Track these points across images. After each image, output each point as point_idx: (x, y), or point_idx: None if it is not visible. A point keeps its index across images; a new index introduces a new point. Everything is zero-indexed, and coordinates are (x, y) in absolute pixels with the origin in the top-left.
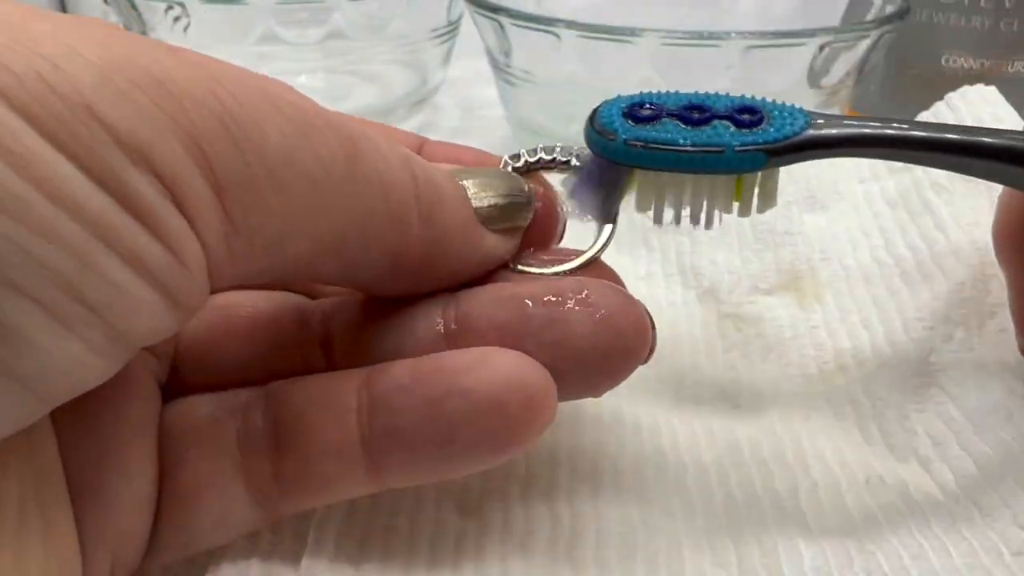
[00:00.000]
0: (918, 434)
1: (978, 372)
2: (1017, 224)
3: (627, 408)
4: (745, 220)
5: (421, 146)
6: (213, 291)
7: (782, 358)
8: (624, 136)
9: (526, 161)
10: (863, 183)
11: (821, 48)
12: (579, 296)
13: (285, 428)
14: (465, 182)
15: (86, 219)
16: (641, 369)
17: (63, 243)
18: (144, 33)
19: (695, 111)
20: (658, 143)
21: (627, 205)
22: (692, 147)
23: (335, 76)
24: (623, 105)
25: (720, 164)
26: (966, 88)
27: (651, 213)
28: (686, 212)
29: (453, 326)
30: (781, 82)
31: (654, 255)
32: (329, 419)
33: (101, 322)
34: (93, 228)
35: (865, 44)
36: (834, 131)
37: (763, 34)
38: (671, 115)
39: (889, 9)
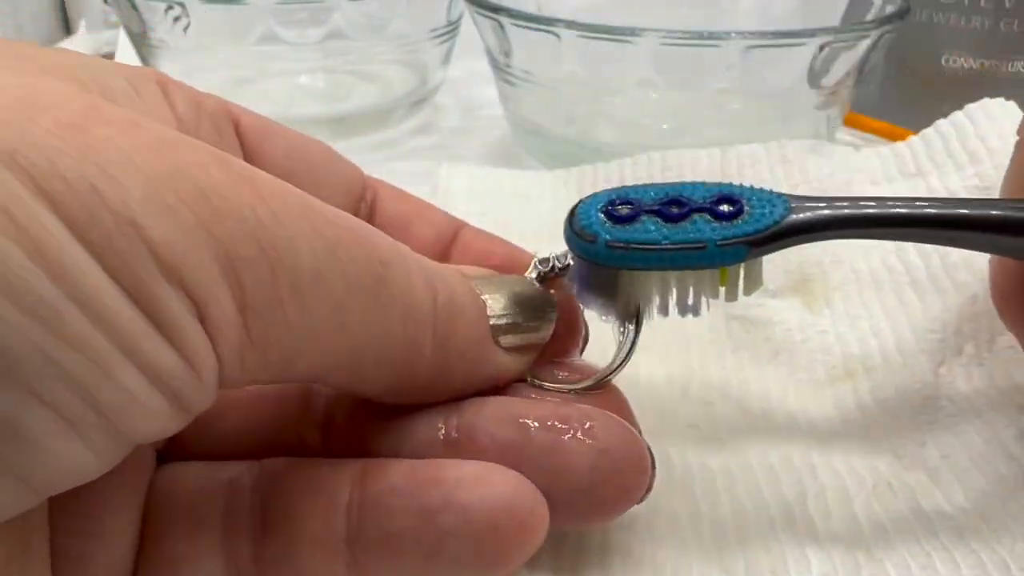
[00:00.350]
0: (927, 445)
1: (988, 387)
2: (1014, 286)
3: (633, 411)
4: None
5: (457, 232)
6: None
7: (791, 362)
8: (605, 238)
9: (554, 266)
10: (876, 185)
11: (821, 48)
12: (584, 427)
13: (272, 511)
14: (486, 297)
15: (113, 330)
16: (649, 368)
17: (88, 353)
18: (144, 33)
19: (673, 206)
20: (639, 243)
21: (647, 311)
22: (673, 245)
23: (335, 76)
24: (600, 204)
25: (703, 260)
26: (986, 101)
27: (640, 307)
28: (673, 303)
29: (454, 435)
30: (781, 82)
31: None
32: (318, 509)
33: (109, 426)
34: (118, 339)
35: (865, 44)
36: (814, 216)
37: (763, 34)
38: (649, 212)
39: (889, 9)
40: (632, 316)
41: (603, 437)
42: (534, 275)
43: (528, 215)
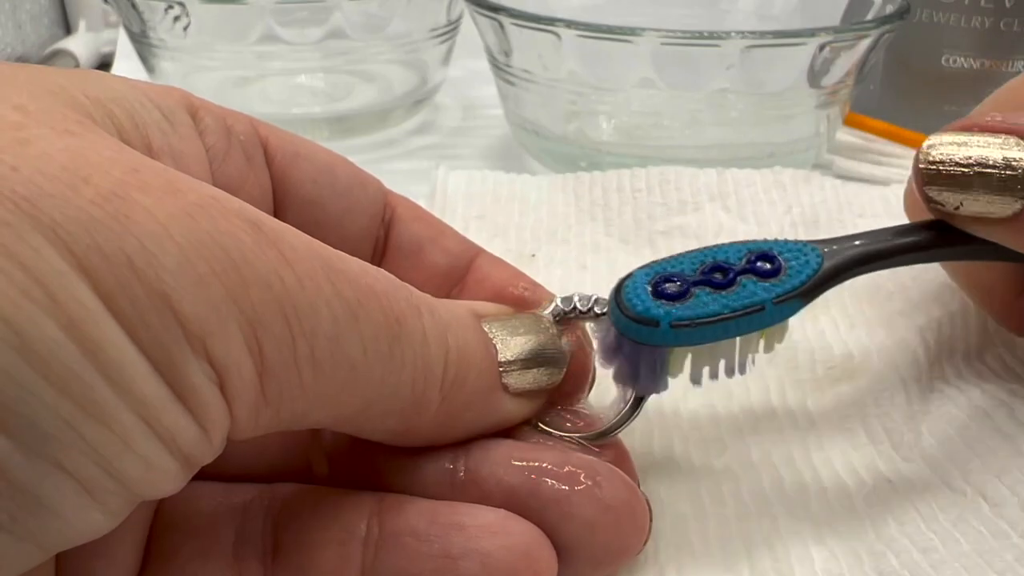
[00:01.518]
0: (923, 435)
1: (980, 379)
2: (1013, 295)
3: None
4: (752, 232)
5: (473, 260)
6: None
7: (789, 361)
8: (668, 320)
9: (575, 308)
10: (863, 218)
11: (821, 48)
12: (590, 481)
13: (285, 541)
14: (498, 341)
15: (138, 403)
16: None
17: (114, 427)
18: (144, 33)
19: (717, 272)
20: (703, 318)
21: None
22: (734, 313)
23: (335, 76)
24: (645, 285)
25: (764, 321)
26: None
27: (687, 375)
28: (722, 367)
29: (462, 475)
30: (781, 82)
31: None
32: (332, 540)
33: (125, 491)
34: (142, 411)
35: (865, 44)
36: (847, 257)
37: (763, 34)
38: (697, 283)
39: (889, 9)
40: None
41: (608, 494)
42: (550, 313)
43: (526, 219)
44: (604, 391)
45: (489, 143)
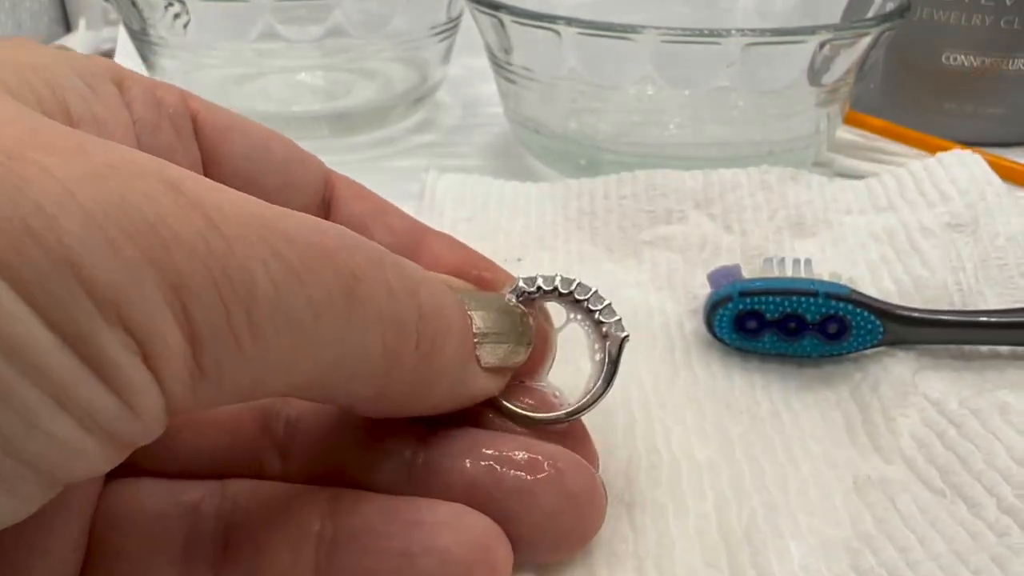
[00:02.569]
0: (903, 436)
1: (957, 383)
2: None
3: (620, 407)
4: (736, 243)
5: (421, 241)
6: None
7: (776, 358)
8: (735, 346)
9: (539, 287)
10: (849, 215)
11: (821, 45)
12: (552, 469)
13: (235, 541)
14: (472, 312)
15: (43, 379)
16: (635, 366)
17: (14, 405)
18: (144, 31)
19: (792, 322)
20: (759, 352)
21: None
22: (784, 355)
23: (334, 74)
24: (736, 313)
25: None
26: (957, 151)
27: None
28: None
29: (422, 467)
30: (781, 79)
31: (644, 267)
32: (286, 540)
33: (35, 474)
34: (48, 388)
35: (866, 42)
36: (910, 337)
37: (763, 31)
38: (772, 325)
39: (890, 6)
40: (616, 351)
41: (570, 484)
42: (514, 293)
43: (514, 224)
44: (564, 372)
45: (489, 141)
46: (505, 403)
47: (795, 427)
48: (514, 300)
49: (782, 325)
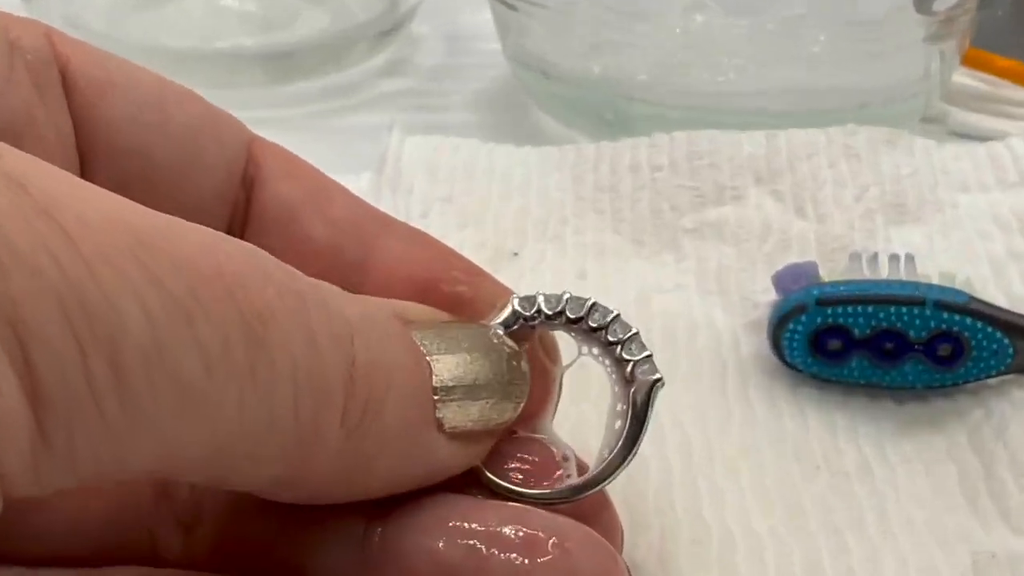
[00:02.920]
0: (887, 449)
1: (946, 401)
2: None
3: (652, 459)
4: (811, 231)
5: (375, 240)
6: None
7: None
8: (811, 375)
9: (539, 310)
10: (967, 193)
11: None
12: (558, 550)
13: None
14: (434, 358)
15: None
16: (674, 401)
17: None
18: None
19: (888, 341)
20: (842, 381)
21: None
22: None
23: None
24: (811, 330)
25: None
26: None
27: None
28: None
29: (377, 545)
30: (877, 7)
31: (686, 264)
32: None
33: None
34: None
35: None
36: None
37: None
38: (860, 344)
39: None
40: (644, 400)
41: (581, 566)
42: (503, 321)
43: (508, 205)
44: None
45: (482, 88)
46: (487, 473)
47: (891, 486)
48: (501, 333)
49: (875, 345)
